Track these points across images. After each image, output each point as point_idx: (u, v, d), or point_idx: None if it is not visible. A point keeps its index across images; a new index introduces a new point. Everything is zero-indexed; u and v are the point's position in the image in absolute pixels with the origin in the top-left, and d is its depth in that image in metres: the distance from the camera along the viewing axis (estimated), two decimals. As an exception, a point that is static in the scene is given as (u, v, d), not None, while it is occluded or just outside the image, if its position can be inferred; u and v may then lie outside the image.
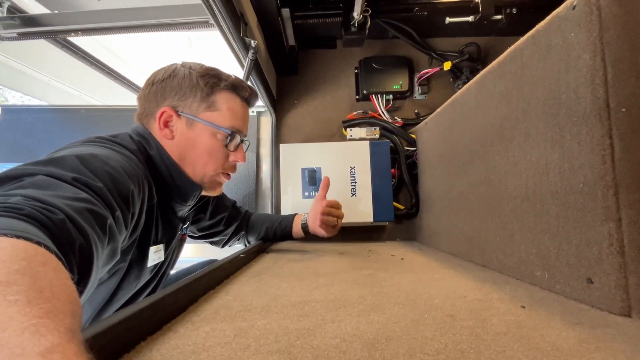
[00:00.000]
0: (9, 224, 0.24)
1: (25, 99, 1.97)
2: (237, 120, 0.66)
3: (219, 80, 0.65)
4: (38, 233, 0.25)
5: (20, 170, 0.33)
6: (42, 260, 0.21)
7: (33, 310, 0.16)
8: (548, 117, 0.48)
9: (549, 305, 0.41)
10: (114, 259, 0.43)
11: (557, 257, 0.47)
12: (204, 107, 0.63)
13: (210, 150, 0.64)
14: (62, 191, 0.33)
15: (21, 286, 0.18)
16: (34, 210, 0.27)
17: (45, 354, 0.14)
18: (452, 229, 0.86)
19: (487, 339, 0.31)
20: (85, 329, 0.25)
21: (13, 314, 0.15)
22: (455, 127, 0.84)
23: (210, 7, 0.69)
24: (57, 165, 0.36)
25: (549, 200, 0.49)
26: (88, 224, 0.32)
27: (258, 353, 0.29)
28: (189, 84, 0.63)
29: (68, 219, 0.30)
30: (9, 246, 0.21)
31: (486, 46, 1.28)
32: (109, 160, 0.43)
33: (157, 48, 1.72)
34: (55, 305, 0.18)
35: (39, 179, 0.33)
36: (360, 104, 1.33)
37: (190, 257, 1.23)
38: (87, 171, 0.38)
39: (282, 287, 0.53)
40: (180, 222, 0.70)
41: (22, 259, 0.20)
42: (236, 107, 0.67)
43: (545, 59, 0.49)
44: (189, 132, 0.63)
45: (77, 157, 0.39)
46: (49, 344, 0.15)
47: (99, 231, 0.34)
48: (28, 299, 0.17)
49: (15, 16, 1.19)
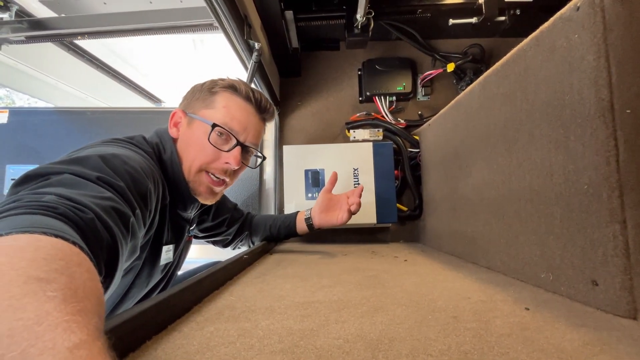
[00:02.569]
0: (46, 222, 0.25)
1: (32, 101, 2.00)
2: (232, 120, 0.65)
3: (221, 81, 0.68)
4: (72, 233, 0.26)
5: (46, 168, 0.34)
6: (77, 261, 0.23)
7: (67, 307, 0.17)
8: (552, 119, 0.48)
9: (553, 307, 0.41)
10: (134, 255, 0.44)
11: (561, 259, 0.47)
12: (203, 106, 0.66)
13: (199, 146, 0.63)
14: (88, 190, 0.34)
15: (59, 284, 0.19)
16: (67, 210, 0.28)
17: (73, 350, 0.15)
18: (456, 230, 0.86)
19: (490, 340, 0.31)
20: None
21: (50, 310, 0.17)
22: (459, 129, 0.84)
23: (214, 9, 0.69)
24: (81, 164, 0.37)
25: (553, 202, 0.48)
26: (114, 222, 0.34)
27: (262, 353, 0.29)
28: (199, 89, 0.67)
29: (96, 217, 0.31)
30: (48, 245, 0.22)
31: (490, 47, 1.28)
32: (128, 159, 0.45)
33: (162, 50, 1.73)
34: (86, 305, 0.19)
35: (65, 177, 0.34)
36: (364, 106, 1.33)
37: (196, 259, 1.23)
38: (109, 170, 0.39)
39: (286, 288, 0.53)
40: (187, 224, 0.71)
41: (61, 258, 0.21)
42: (233, 107, 0.66)
43: (549, 60, 0.49)
44: (188, 130, 0.65)
45: (100, 157, 0.40)
46: (77, 340, 0.16)
47: (122, 229, 0.36)
48: (64, 296, 0.18)
49: (23, 20, 1.21)
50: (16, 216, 0.26)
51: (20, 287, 0.17)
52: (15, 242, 0.21)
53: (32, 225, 0.24)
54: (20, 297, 0.17)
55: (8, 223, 0.24)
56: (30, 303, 0.17)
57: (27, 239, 0.22)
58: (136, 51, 1.70)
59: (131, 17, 1.12)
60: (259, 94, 0.70)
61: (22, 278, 0.18)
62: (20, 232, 0.22)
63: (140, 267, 0.59)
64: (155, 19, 1.11)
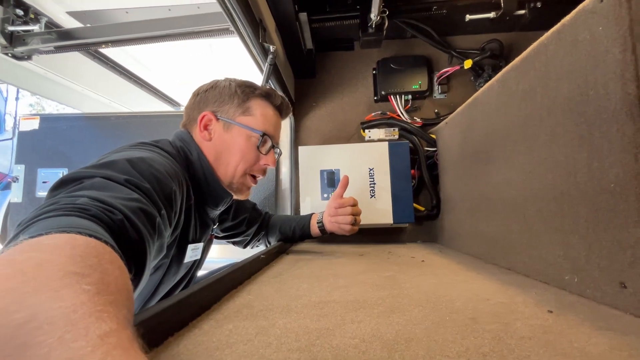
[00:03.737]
0: (80, 223, 0.27)
1: (60, 107, 2.10)
2: (270, 126, 0.71)
3: (254, 89, 0.71)
4: (104, 233, 0.28)
5: (80, 173, 0.37)
6: (109, 259, 0.24)
7: (100, 299, 0.19)
8: (575, 115, 0.47)
9: (578, 310, 0.40)
10: (161, 254, 0.47)
11: (587, 260, 0.45)
12: (240, 112, 0.69)
13: (243, 152, 0.68)
14: (117, 192, 0.36)
15: (93, 279, 0.20)
16: (98, 211, 0.31)
17: (103, 337, 0.16)
18: (475, 230, 0.84)
19: (510, 343, 0.31)
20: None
21: (85, 300, 0.18)
22: (477, 127, 0.82)
23: (230, 14, 0.71)
24: (110, 168, 0.40)
25: (577, 201, 0.47)
26: (141, 222, 0.36)
27: (279, 351, 0.30)
28: (228, 92, 0.69)
29: (125, 218, 0.33)
30: (83, 243, 0.24)
31: (509, 42, 1.24)
32: (153, 162, 0.47)
33: (181, 56, 1.78)
34: (117, 298, 0.21)
35: (96, 181, 0.36)
36: (379, 105, 1.32)
37: (215, 258, 1.26)
38: (136, 173, 0.42)
39: (302, 288, 0.53)
40: (212, 223, 0.74)
41: (94, 256, 0.23)
42: (269, 114, 0.72)
43: (571, 55, 0.47)
44: (225, 135, 0.68)
45: (127, 161, 0.42)
46: (107, 328, 0.17)
47: (149, 229, 0.38)
48: (97, 290, 0.20)
49: (52, 31, 1.27)
50: (54, 217, 0.28)
51: (60, 281, 0.19)
52: (54, 240, 0.24)
53: (69, 226, 0.26)
54: (59, 289, 0.18)
55: (48, 223, 0.26)
56: (68, 294, 0.18)
57: (65, 238, 0.24)
58: (156, 57, 1.76)
59: (151, 24, 1.16)
60: (283, 98, 0.75)
61: (61, 272, 0.20)
62: (59, 232, 0.25)
63: (168, 264, 0.61)
64: (174, 25, 1.14)
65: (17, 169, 1.44)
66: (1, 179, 3.24)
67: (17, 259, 0.20)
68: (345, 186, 0.92)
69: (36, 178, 1.42)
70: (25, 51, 1.26)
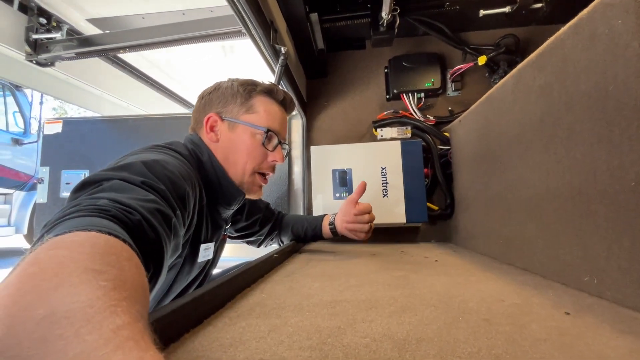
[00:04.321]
0: (101, 222, 0.29)
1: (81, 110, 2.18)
2: (274, 122, 0.71)
3: (256, 86, 0.71)
4: (123, 232, 0.30)
5: (99, 176, 0.39)
6: (127, 256, 0.26)
7: (115, 294, 0.20)
8: (594, 112, 0.45)
9: (597, 313, 0.39)
10: (176, 253, 0.48)
11: (607, 261, 0.44)
12: (243, 110, 0.69)
13: (249, 149, 0.68)
14: (135, 193, 0.38)
15: (110, 275, 0.22)
16: (118, 212, 0.32)
17: (116, 330, 0.17)
18: (490, 230, 0.82)
19: (524, 345, 0.30)
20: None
21: (101, 295, 0.19)
22: (492, 124, 0.80)
23: (242, 17, 0.72)
24: (127, 170, 0.42)
25: (596, 200, 0.45)
26: (158, 222, 0.37)
27: (291, 349, 0.30)
28: (231, 92, 0.70)
29: (143, 219, 0.35)
30: (103, 242, 0.25)
31: (525, 37, 1.21)
32: (167, 165, 0.48)
33: (195, 59, 1.82)
34: (132, 294, 0.22)
35: (114, 183, 0.38)
36: (391, 104, 1.31)
37: (229, 257, 1.28)
38: (152, 175, 0.43)
39: (314, 287, 0.54)
40: (224, 223, 0.75)
41: (113, 253, 0.24)
42: (273, 110, 0.72)
43: (589, 49, 0.46)
44: (231, 134, 0.68)
45: (142, 163, 0.44)
46: (121, 322, 0.18)
47: (166, 229, 0.39)
48: (114, 285, 0.21)
49: (73, 38, 1.33)
50: (76, 218, 0.29)
51: (79, 277, 0.20)
52: (75, 238, 0.25)
53: (91, 225, 0.27)
54: (78, 284, 0.20)
55: (71, 223, 0.28)
56: (85, 290, 0.19)
57: (85, 236, 0.25)
58: (171, 60, 1.80)
59: (167, 29, 1.19)
60: (285, 93, 0.75)
61: (80, 269, 0.21)
62: (80, 230, 0.26)
63: (182, 264, 0.63)
64: (188, 29, 1.17)
65: (42, 170, 1.50)
66: (27, 181, 3.39)
67: (41, 258, 0.22)
68: (361, 192, 0.90)
69: (60, 179, 1.48)
70: (48, 58, 1.32)
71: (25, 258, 0.22)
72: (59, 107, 10.03)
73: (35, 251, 0.23)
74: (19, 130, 3.39)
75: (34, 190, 3.37)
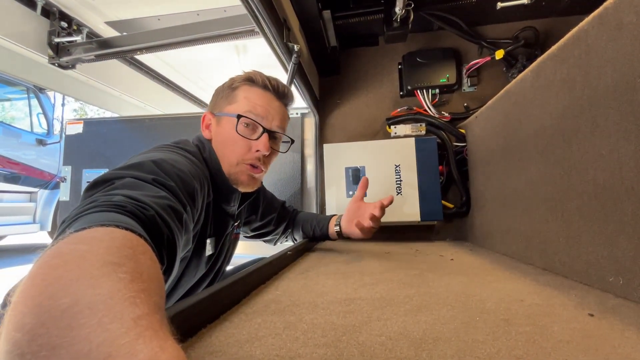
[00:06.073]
0: (118, 218, 0.30)
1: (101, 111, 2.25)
2: (255, 108, 0.67)
3: (238, 77, 0.72)
4: (138, 227, 0.31)
5: (111, 174, 0.40)
6: (142, 250, 0.27)
7: (134, 286, 0.21)
8: (620, 105, 0.43)
9: (623, 314, 0.37)
10: (187, 247, 0.50)
11: (634, 261, 0.42)
12: (226, 103, 0.70)
13: (231, 140, 0.67)
14: (147, 190, 0.39)
15: (128, 267, 0.22)
16: (133, 208, 0.33)
17: (136, 320, 0.18)
18: (508, 228, 0.80)
19: (546, 346, 0.29)
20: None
21: (120, 287, 0.20)
22: (510, 120, 0.78)
23: (255, 16, 0.72)
24: (138, 169, 0.43)
25: (623, 197, 0.43)
26: (170, 218, 0.38)
27: (306, 345, 0.30)
28: (221, 89, 0.72)
29: (157, 214, 0.36)
30: (120, 236, 0.26)
31: (545, 29, 1.17)
32: (176, 163, 0.50)
33: (209, 59, 1.84)
34: (149, 285, 0.22)
35: (127, 181, 0.39)
36: (405, 100, 1.29)
37: (242, 254, 1.30)
38: (162, 173, 0.45)
39: (328, 285, 0.54)
40: (230, 219, 0.75)
41: (129, 247, 0.25)
42: (253, 96, 0.69)
43: (615, 40, 0.44)
44: (218, 128, 0.70)
45: (152, 162, 0.45)
46: (140, 312, 0.19)
47: (177, 224, 0.40)
48: (132, 277, 0.22)
49: (93, 40, 1.37)
50: (94, 214, 0.31)
51: (99, 270, 0.21)
52: (94, 233, 0.26)
53: (108, 220, 0.28)
54: (98, 277, 0.20)
55: (90, 218, 0.29)
56: (105, 282, 0.20)
57: (103, 231, 0.26)
58: (186, 61, 1.83)
59: (182, 30, 1.21)
60: (275, 80, 0.72)
61: (100, 262, 0.22)
62: (98, 226, 0.27)
63: (189, 258, 0.64)
64: (203, 29, 1.19)
65: (64, 170, 1.56)
66: (51, 179, 3.52)
67: (63, 251, 0.23)
68: (364, 189, 0.86)
69: (81, 178, 1.53)
70: (69, 60, 1.36)
71: (47, 251, 0.23)
72: (79, 109, 10.39)
73: (56, 245, 0.24)
74: (42, 131, 3.54)
75: (57, 188, 3.50)
